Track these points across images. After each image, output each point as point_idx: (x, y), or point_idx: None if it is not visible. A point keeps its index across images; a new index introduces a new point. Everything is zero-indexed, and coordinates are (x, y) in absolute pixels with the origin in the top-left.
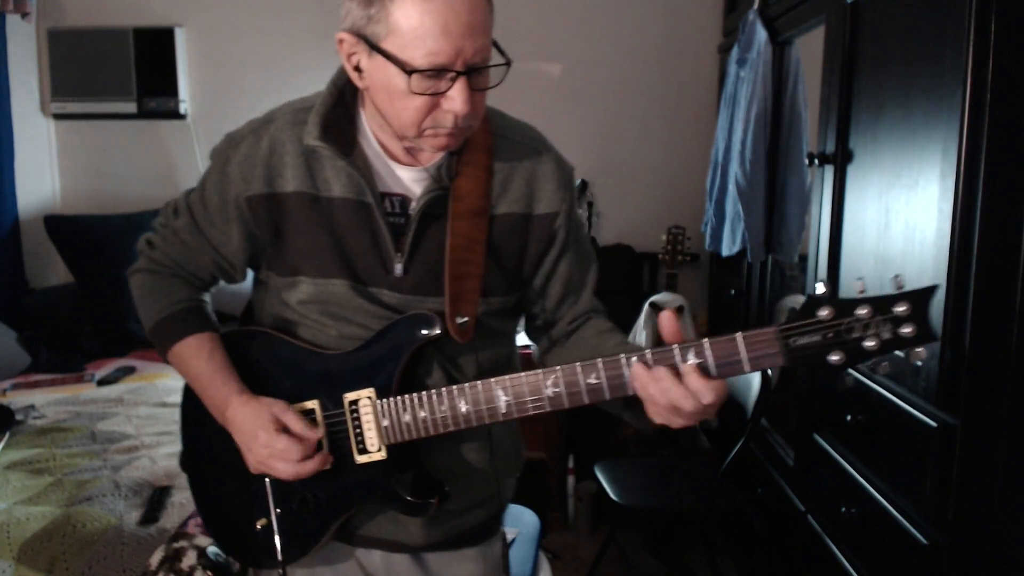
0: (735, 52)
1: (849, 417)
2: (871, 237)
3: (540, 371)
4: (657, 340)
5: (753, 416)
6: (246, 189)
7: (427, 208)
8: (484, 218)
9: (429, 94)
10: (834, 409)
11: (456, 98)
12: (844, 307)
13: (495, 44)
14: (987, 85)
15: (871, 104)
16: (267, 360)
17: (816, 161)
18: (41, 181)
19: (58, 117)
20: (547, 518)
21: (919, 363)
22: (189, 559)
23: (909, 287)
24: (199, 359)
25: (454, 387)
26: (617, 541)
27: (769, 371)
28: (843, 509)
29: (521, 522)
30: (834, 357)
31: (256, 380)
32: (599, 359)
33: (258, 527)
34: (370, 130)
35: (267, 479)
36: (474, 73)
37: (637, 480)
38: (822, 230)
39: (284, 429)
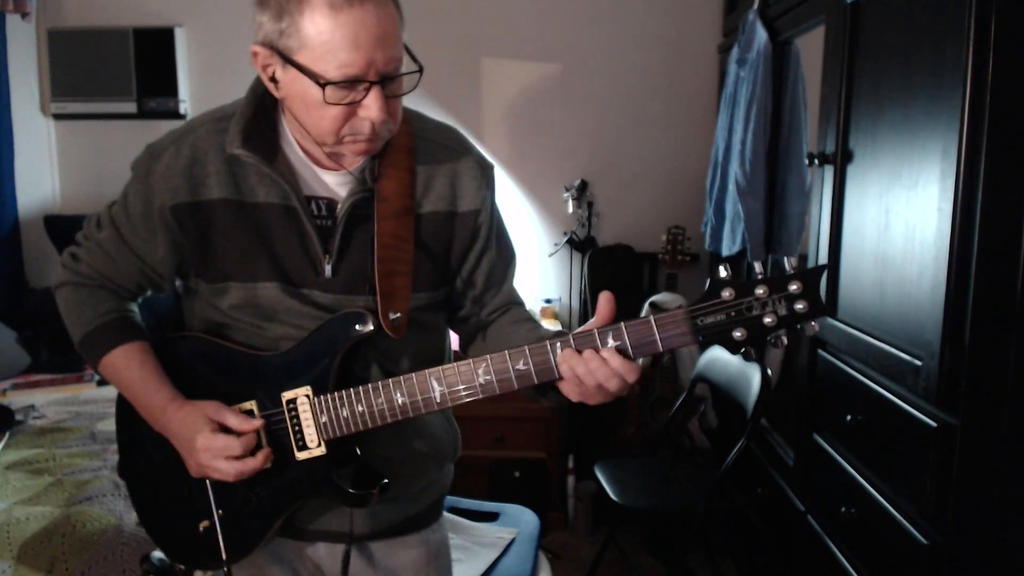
0: (735, 52)
1: (849, 417)
2: (871, 237)
3: (471, 360)
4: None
5: (753, 416)
6: (170, 199)
7: (353, 210)
8: (409, 217)
9: (344, 104)
10: (834, 409)
11: (371, 106)
12: (744, 288)
13: (407, 50)
14: (987, 85)
15: (871, 104)
16: (201, 364)
17: (816, 161)
18: (41, 181)
19: (58, 117)
20: (547, 518)
21: (811, 334)
22: None
23: (808, 274)
24: (130, 369)
25: (390, 380)
26: (617, 541)
27: (769, 371)
28: (843, 509)
29: (521, 522)
30: (737, 333)
31: (192, 385)
32: (526, 346)
33: (201, 529)
34: (292, 136)
35: (208, 480)
36: (388, 81)
37: (637, 480)
38: (822, 230)
39: (222, 428)
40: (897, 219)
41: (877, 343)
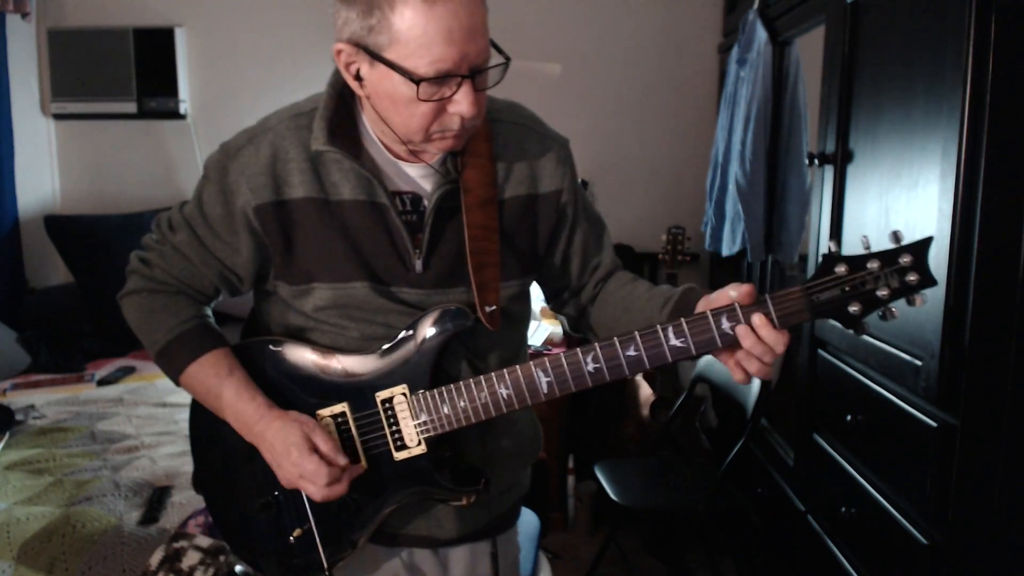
0: (735, 52)
1: (849, 417)
2: (871, 237)
3: (578, 349)
4: None
5: (753, 416)
6: (253, 199)
7: (440, 203)
8: (494, 206)
9: (436, 100)
10: (834, 409)
11: (463, 101)
12: (857, 262)
13: (492, 43)
14: (987, 85)
15: (871, 104)
16: (288, 369)
17: (816, 161)
18: (41, 181)
19: (58, 117)
20: (547, 518)
21: (919, 305)
22: (189, 559)
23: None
24: (218, 378)
25: (492, 374)
26: (617, 541)
27: None
28: (843, 509)
29: (521, 522)
30: (853, 308)
31: (278, 391)
32: (636, 332)
33: (292, 539)
34: (372, 132)
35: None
36: (477, 75)
37: (637, 480)
38: (822, 230)
39: (314, 449)
40: (897, 219)
41: (877, 343)
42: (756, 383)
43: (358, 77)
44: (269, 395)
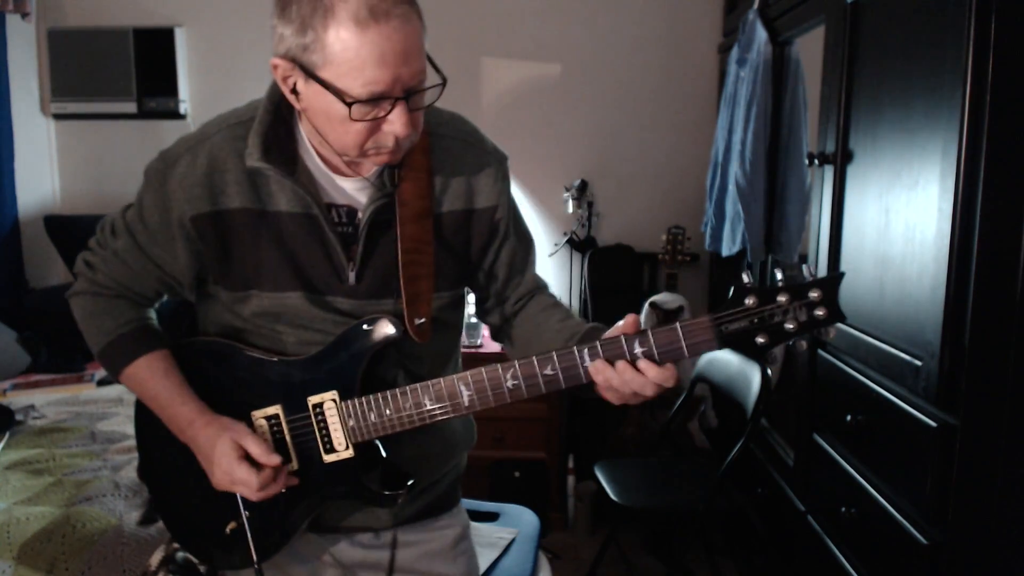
0: (735, 52)
1: (849, 417)
2: (871, 237)
3: (498, 365)
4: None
5: (753, 416)
6: (190, 208)
7: (374, 216)
8: (429, 219)
9: (370, 120)
10: (834, 409)
11: (396, 122)
12: (766, 295)
13: (430, 61)
14: (987, 85)
15: (871, 104)
16: (224, 370)
17: (816, 161)
18: (41, 181)
19: (58, 117)
20: (547, 518)
21: (829, 338)
22: (189, 559)
23: (825, 281)
24: (154, 379)
25: (418, 385)
26: (617, 541)
27: (769, 371)
28: (843, 509)
29: (521, 522)
30: (760, 339)
31: (214, 391)
32: (554, 353)
33: (227, 531)
34: (310, 144)
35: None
36: (412, 95)
37: (637, 480)
38: (822, 230)
39: (245, 455)
40: (897, 219)
41: (877, 343)
42: (756, 383)
43: (294, 91)
44: (207, 395)
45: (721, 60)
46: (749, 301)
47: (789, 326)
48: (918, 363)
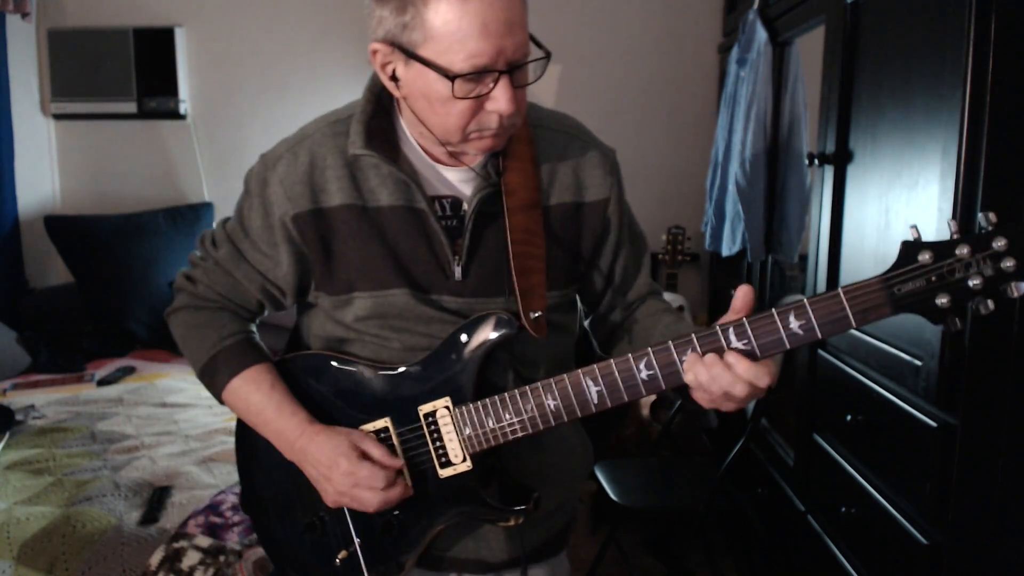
0: (735, 52)
1: (849, 417)
2: (871, 237)
3: (629, 355)
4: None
5: (753, 416)
6: (291, 208)
7: (480, 207)
8: (538, 210)
9: (473, 97)
10: (834, 409)
11: (500, 98)
12: (943, 249)
13: (532, 37)
14: (987, 85)
15: (871, 104)
16: (328, 384)
17: (816, 161)
18: (41, 181)
19: (58, 117)
20: None
21: (1016, 295)
22: (189, 559)
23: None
24: (260, 392)
25: (539, 384)
26: (617, 541)
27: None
28: (843, 509)
29: None
30: (941, 300)
31: (320, 406)
32: (693, 335)
33: (337, 561)
34: (411, 135)
35: (346, 508)
36: (515, 70)
37: (637, 480)
38: (822, 230)
39: (364, 456)
40: (897, 219)
41: (877, 343)
42: None
43: (394, 78)
44: (312, 411)
45: (721, 60)
46: (923, 257)
47: (974, 282)
48: (918, 363)
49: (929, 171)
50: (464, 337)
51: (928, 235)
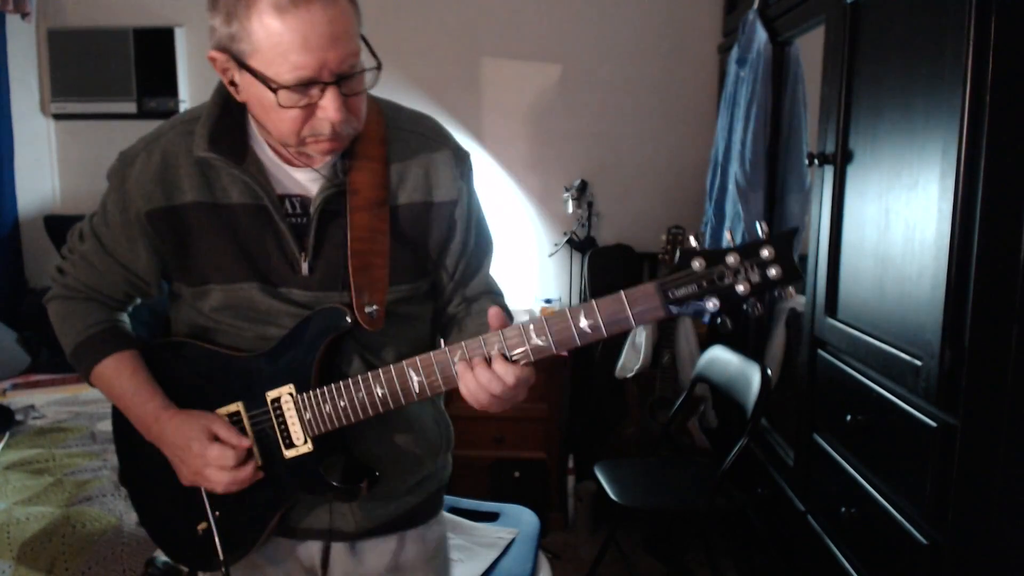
0: (735, 52)
1: (849, 417)
2: (871, 237)
3: (446, 348)
4: (658, 340)
5: (753, 416)
6: (145, 204)
7: (325, 205)
8: (384, 208)
9: (300, 107)
10: (834, 409)
11: (329, 107)
12: (714, 256)
13: (366, 44)
14: (987, 85)
15: (871, 104)
16: (187, 369)
17: (816, 161)
18: (41, 181)
19: (58, 117)
20: (547, 518)
21: (790, 303)
22: None
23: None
24: (121, 378)
25: (368, 373)
26: (617, 541)
27: (769, 371)
28: (843, 509)
29: (521, 522)
30: (710, 304)
31: (180, 390)
32: (500, 332)
33: (199, 531)
34: (260, 135)
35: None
36: (345, 80)
37: (637, 480)
38: (822, 230)
39: (215, 438)
40: (897, 219)
41: (877, 343)
42: (756, 383)
43: (233, 83)
44: (174, 395)
45: (721, 60)
46: (696, 264)
47: (740, 288)
48: (918, 363)
49: (929, 171)
50: (306, 327)
51: (928, 235)
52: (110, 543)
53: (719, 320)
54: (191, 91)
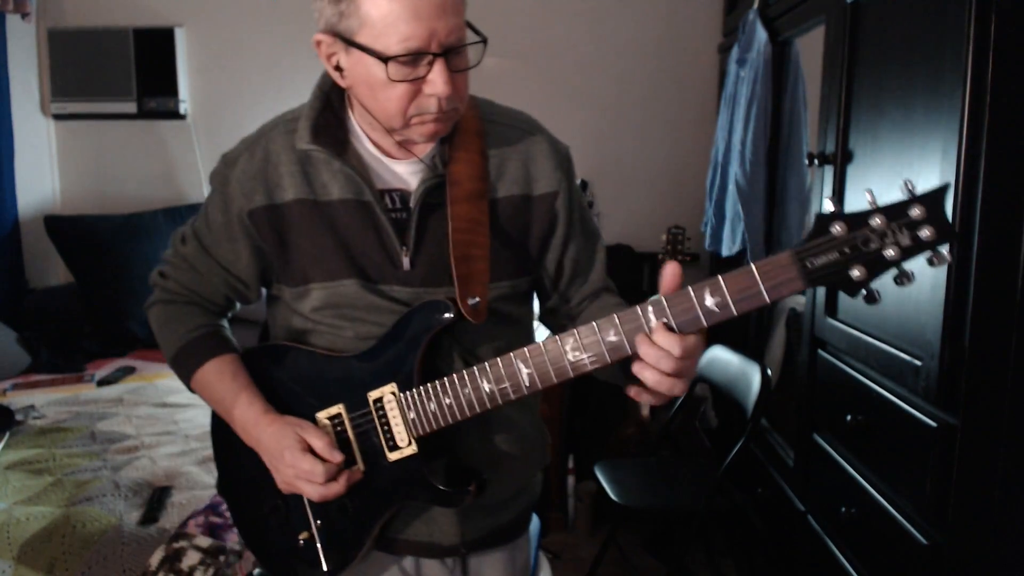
0: (735, 52)
1: (849, 417)
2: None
3: (557, 336)
4: None
5: (753, 416)
6: (247, 204)
7: (426, 198)
8: (484, 201)
9: (409, 80)
10: (834, 409)
11: (436, 81)
12: (857, 219)
13: (468, 24)
14: (987, 85)
15: (871, 104)
16: (289, 373)
17: (816, 161)
18: (41, 181)
19: (58, 117)
20: (547, 518)
21: (944, 265)
22: (189, 559)
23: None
24: (222, 383)
25: (475, 367)
26: (617, 541)
27: (769, 371)
28: (843, 509)
29: None
30: (855, 272)
31: (281, 395)
32: (615, 315)
33: (300, 542)
34: (361, 130)
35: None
36: (451, 54)
37: (637, 480)
38: None
39: (309, 449)
40: None
41: (877, 343)
42: (756, 383)
43: (338, 68)
44: (275, 400)
45: (721, 60)
46: (836, 229)
47: (890, 252)
48: (918, 363)
49: (929, 171)
50: (407, 324)
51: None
52: (110, 543)
53: (864, 292)
54: (191, 91)
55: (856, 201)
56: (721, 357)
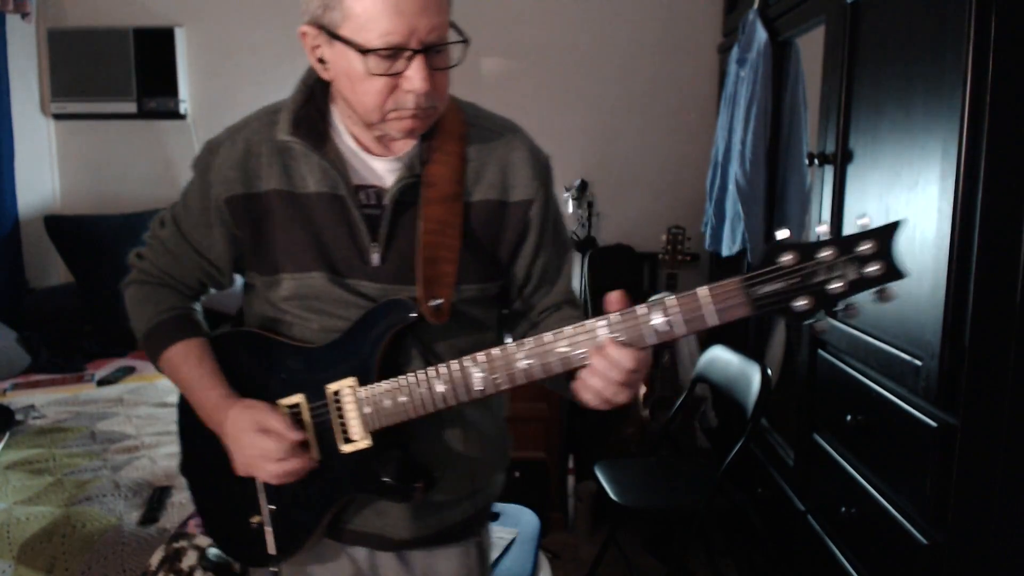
0: (735, 52)
1: (849, 417)
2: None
3: (512, 343)
4: None
5: (753, 416)
6: (225, 191)
7: (400, 196)
8: (458, 203)
9: (387, 74)
10: (834, 409)
11: (414, 77)
12: (807, 250)
13: (452, 24)
14: (987, 85)
15: (871, 104)
16: (254, 359)
17: (816, 161)
18: (41, 181)
19: (58, 117)
20: (547, 518)
21: (888, 303)
22: (189, 559)
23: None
24: (187, 365)
25: (430, 368)
26: (617, 541)
27: (769, 371)
28: (843, 509)
29: (521, 522)
30: (800, 303)
31: (245, 380)
32: (570, 327)
33: (253, 524)
34: (342, 125)
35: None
36: (431, 52)
37: (637, 480)
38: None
39: (267, 431)
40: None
41: (877, 343)
42: (756, 383)
43: (322, 60)
44: (239, 385)
45: (721, 60)
46: (786, 258)
47: (835, 286)
48: (918, 363)
49: (929, 171)
50: (371, 319)
51: (928, 235)
52: (110, 543)
53: (809, 322)
54: (191, 91)
55: (856, 202)
56: (721, 357)
